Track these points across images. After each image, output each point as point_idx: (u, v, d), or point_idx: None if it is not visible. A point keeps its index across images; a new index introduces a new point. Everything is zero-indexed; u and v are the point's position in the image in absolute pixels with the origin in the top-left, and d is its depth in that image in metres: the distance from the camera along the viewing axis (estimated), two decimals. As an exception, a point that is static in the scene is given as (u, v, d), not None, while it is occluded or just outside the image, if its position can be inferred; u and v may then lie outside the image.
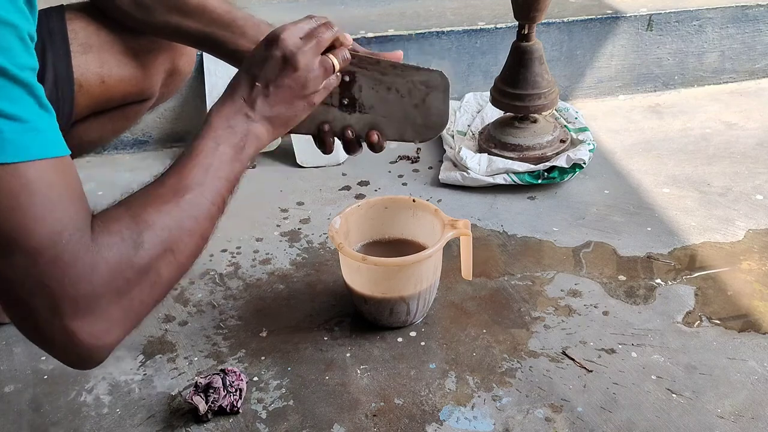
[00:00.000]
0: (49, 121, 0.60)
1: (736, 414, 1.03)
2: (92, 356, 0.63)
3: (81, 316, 0.60)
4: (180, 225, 0.70)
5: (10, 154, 0.56)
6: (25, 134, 0.57)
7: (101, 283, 0.61)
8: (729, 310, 1.22)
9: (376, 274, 1.15)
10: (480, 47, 1.87)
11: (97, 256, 0.61)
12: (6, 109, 0.56)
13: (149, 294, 0.67)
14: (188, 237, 0.71)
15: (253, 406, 1.06)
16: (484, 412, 1.04)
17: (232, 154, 0.79)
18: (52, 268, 0.58)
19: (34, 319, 0.60)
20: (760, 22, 2.02)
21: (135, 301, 0.65)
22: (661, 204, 1.52)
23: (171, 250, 0.69)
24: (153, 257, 0.66)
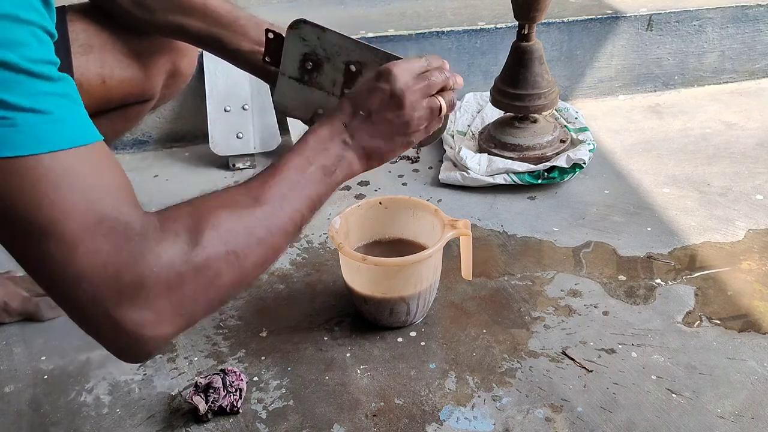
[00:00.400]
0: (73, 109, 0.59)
1: (736, 414, 1.03)
2: (141, 346, 0.62)
3: (127, 306, 0.59)
4: (250, 231, 0.69)
5: (30, 146, 0.56)
6: (45, 125, 0.56)
7: (148, 274, 0.60)
8: (729, 310, 1.22)
9: (376, 274, 1.15)
10: (480, 47, 1.87)
11: (143, 247, 0.60)
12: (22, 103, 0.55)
13: (204, 293, 0.65)
14: (257, 245, 0.69)
15: (253, 406, 1.06)
16: (484, 412, 1.04)
17: (321, 175, 0.79)
18: (91, 257, 0.57)
19: (80, 308, 0.60)
20: (760, 22, 2.02)
21: (187, 297, 0.63)
22: (661, 204, 1.52)
23: (234, 252, 0.66)
24: (212, 256, 0.65)
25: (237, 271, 0.67)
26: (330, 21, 2.04)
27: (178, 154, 1.76)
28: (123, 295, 0.59)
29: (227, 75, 1.68)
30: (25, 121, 0.55)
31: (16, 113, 0.55)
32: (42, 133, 0.56)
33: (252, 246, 0.69)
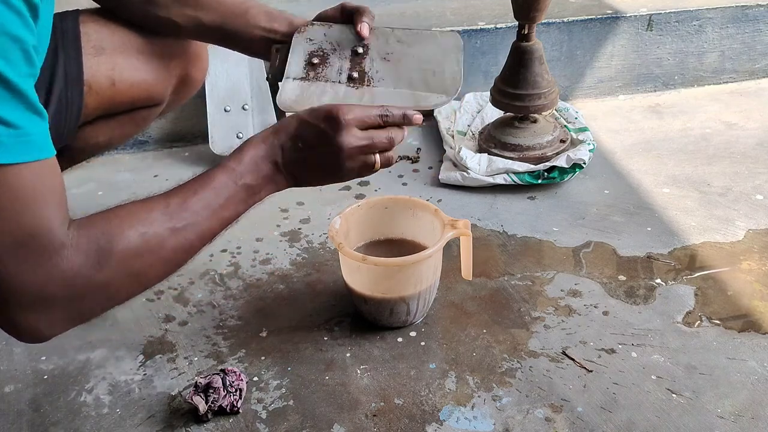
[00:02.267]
0: (39, 125, 0.63)
1: (736, 414, 1.03)
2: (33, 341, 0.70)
3: (28, 313, 0.65)
4: (156, 253, 0.72)
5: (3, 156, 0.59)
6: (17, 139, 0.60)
7: (56, 291, 0.65)
8: (729, 310, 1.22)
9: (376, 274, 1.15)
10: (480, 47, 1.87)
11: (58, 268, 0.65)
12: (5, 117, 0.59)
13: (101, 305, 0.71)
14: (160, 264, 0.73)
15: (253, 406, 1.06)
16: (484, 412, 1.04)
17: (244, 195, 0.80)
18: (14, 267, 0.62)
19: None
20: (760, 22, 2.02)
21: (85, 309, 0.69)
22: (661, 204, 1.52)
23: (136, 274, 0.71)
24: (114, 279, 0.69)
25: (136, 287, 0.72)
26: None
27: (178, 154, 1.76)
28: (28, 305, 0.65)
29: (227, 75, 1.68)
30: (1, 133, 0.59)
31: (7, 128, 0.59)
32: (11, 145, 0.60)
33: (156, 265, 0.72)
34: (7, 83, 0.59)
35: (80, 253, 0.66)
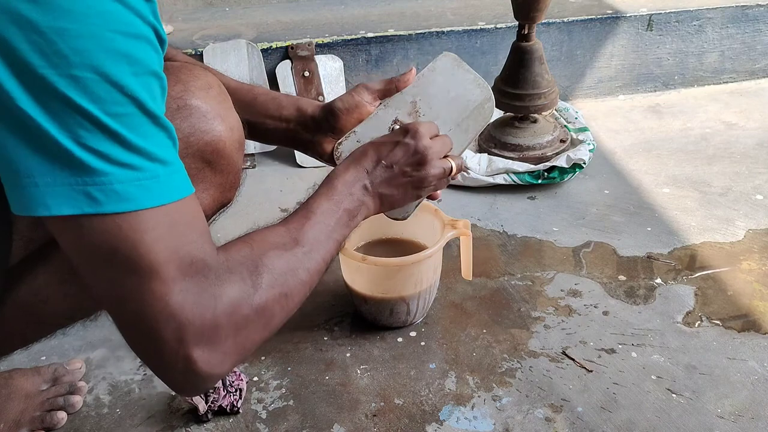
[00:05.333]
0: (180, 161, 0.63)
1: (736, 414, 1.03)
2: (204, 384, 0.66)
3: (203, 346, 0.62)
4: (296, 273, 0.73)
5: (166, 195, 0.60)
6: (173, 176, 0.61)
7: (223, 316, 0.63)
8: (729, 310, 1.22)
9: (376, 274, 1.15)
10: (480, 47, 1.87)
11: (220, 290, 0.63)
12: (160, 154, 0.59)
13: (260, 333, 0.69)
14: (300, 286, 0.73)
15: (253, 406, 1.06)
16: (484, 412, 1.04)
17: (346, 219, 0.83)
18: (183, 297, 0.61)
19: (160, 346, 0.62)
20: (760, 22, 2.03)
21: (249, 338, 0.67)
22: (661, 204, 1.52)
23: (285, 294, 0.71)
24: (270, 299, 0.68)
25: (285, 311, 0.72)
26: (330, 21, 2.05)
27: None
28: (202, 336, 0.62)
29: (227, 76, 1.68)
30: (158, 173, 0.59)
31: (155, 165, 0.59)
32: (169, 184, 0.60)
33: (298, 287, 0.73)
34: (156, 119, 0.59)
35: (236, 275, 0.66)
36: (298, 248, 0.74)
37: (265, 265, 0.69)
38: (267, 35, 1.82)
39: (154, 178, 0.58)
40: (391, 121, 0.96)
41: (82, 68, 0.54)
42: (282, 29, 1.86)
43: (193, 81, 0.78)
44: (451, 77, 0.97)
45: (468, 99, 0.97)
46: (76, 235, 0.58)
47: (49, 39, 0.53)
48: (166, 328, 0.61)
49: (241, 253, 0.69)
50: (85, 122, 0.55)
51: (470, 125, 0.97)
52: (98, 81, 0.55)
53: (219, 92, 0.80)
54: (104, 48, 0.55)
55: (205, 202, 0.80)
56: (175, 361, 0.63)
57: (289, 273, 0.72)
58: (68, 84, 0.54)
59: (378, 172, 0.87)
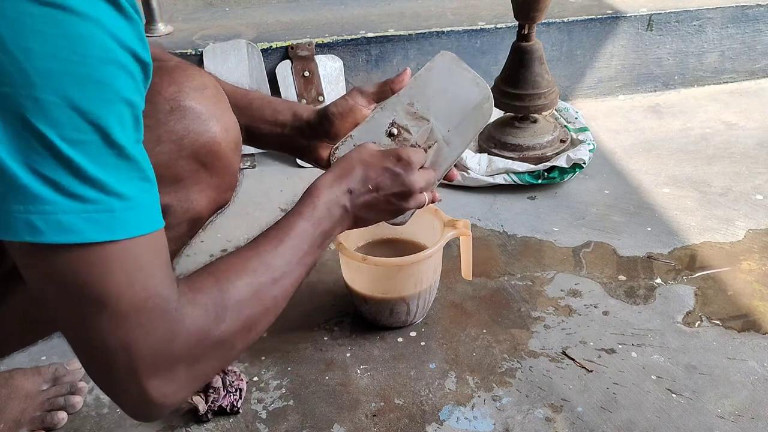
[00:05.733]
0: (150, 194, 0.61)
1: (736, 414, 1.03)
2: (157, 413, 0.66)
3: (155, 378, 0.62)
4: (264, 304, 0.72)
5: (118, 231, 0.57)
6: (129, 212, 0.58)
7: (180, 350, 0.63)
8: (729, 310, 1.22)
9: (376, 274, 1.15)
10: (480, 47, 1.87)
11: (180, 325, 0.63)
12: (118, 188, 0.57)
13: (219, 363, 0.69)
14: (266, 316, 0.73)
15: (253, 406, 1.06)
16: (484, 412, 1.04)
17: (321, 240, 0.81)
18: (135, 331, 0.60)
19: (112, 375, 0.62)
20: (760, 22, 2.03)
21: (206, 368, 0.67)
22: (661, 204, 1.52)
23: (249, 327, 0.70)
24: (231, 333, 0.68)
25: (247, 341, 0.71)
26: (330, 21, 2.05)
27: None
28: (155, 368, 0.62)
29: (227, 77, 1.68)
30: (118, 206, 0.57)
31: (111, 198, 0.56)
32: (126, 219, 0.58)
33: (262, 316, 0.72)
34: (120, 150, 0.57)
35: (199, 308, 0.65)
36: (268, 275, 0.72)
37: (232, 297, 0.68)
38: (267, 35, 1.82)
39: (107, 212, 0.56)
40: (388, 124, 0.94)
41: (45, 90, 0.52)
42: (282, 29, 1.86)
43: (188, 82, 0.77)
44: (449, 77, 0.96)
45: (466, 99, 0.96)
46: (27, 262, 0.57)
47: (15, 57, 0.51)
48: (117, 359, 0.60)
49: (205, 284, 0.67)
50: (39, 147, 0.53)
51: (469, 126, 0.96)
52: (60, 105, 0.53)
53: (214, 93, 0.79)
54: (71, 72, 0.53)
55: (201, 204, 0.79)
56: (128, 391, 0.62)
57: (257, 304, 0.70)
58: (27, 105, 0.52)
59: (361, 194, 0.85)
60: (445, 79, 0.96)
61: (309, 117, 0.98)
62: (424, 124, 0.95)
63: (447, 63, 0.96)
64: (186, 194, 0.78)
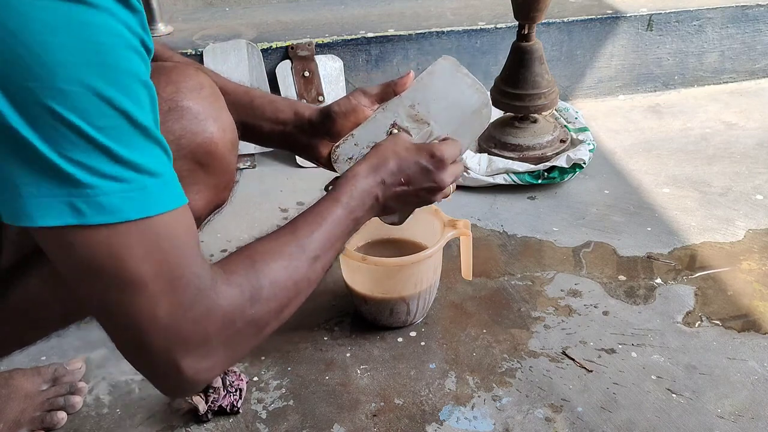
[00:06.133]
0: (173, 172, 0.62)
1: (736, 414, 1.03)
2: (190, 389, 0.67)
3: (191, 355, 0.63)
4: (297, 287, 0.73)
5: (154, 207, 0.59)
6: (161, 187, 0.60)
7: (215, 328, 0.64)
8: (729, 310, 1.22)
9: (376, 274, 1.15)
10: (480, 47, 1.87)
11: (215, 303, 0.64)
12: (149, 165, 0.59)
13: (252, 342, 0.70)
14: (298, 297, 0.74)
15: (253, 406, 1.06)
16: (484, 412, 1.04)
17: (352, 227, 0.83)
18: (173, 308, 0.61)
19: (147, 352, 0.62)
20: (760, 22, 2.03)
21: (240, 347, 0.68)
22: (661, 204, 1.52)
23: (281, 308, 0.71)
24: (265, 313, 0.69)
25: (279, 321, 0.72)
26: (330, 21, 2.05)
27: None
28: (190, 345, 0.63)
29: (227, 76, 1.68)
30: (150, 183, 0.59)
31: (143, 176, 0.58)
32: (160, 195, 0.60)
33: (296, 298, 0.73)
34: (144, 130, 0.58)
35: (234, 288, 0.66)
36: (303, 258, 0.74)
37: (267, 277, 0.69)
38: (267, 35, 1.82)
39: (141, 190, 0.58)
40: (390, 125, 0.96)
41: (68, 81, 0.53)
42: (282, 29, 1.86)
43: (185, 82, 0.77)
44: (450, 81, 0.97)
45: (466, 104, 0.97)
46: (62, 247, 0.58)
47: (34, 52, 0.52)
48: (154, 340, 0.61)
49: (241, 265, 0.68)
50: (71, 135, 0.54)
51: (467, 130, 0.98)
52: (85, 94, 0.54)
53: (211, 92, 0.79)
54: (89, 61, 0.54)
55: (198, 204, 0.79)
56: (163, 368, 0.63)
57: (291, 286, 0.71)
58: (54, 97, 0.53)
59: (393, 185, 0.87)
60: (446, 84, 0.97)
61: (311, 115, 0.98)
62: (425, 126, 0.96)
63: (448, 68, 0.98)
64: None
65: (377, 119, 0.96)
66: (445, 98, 0.97)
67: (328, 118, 0.97)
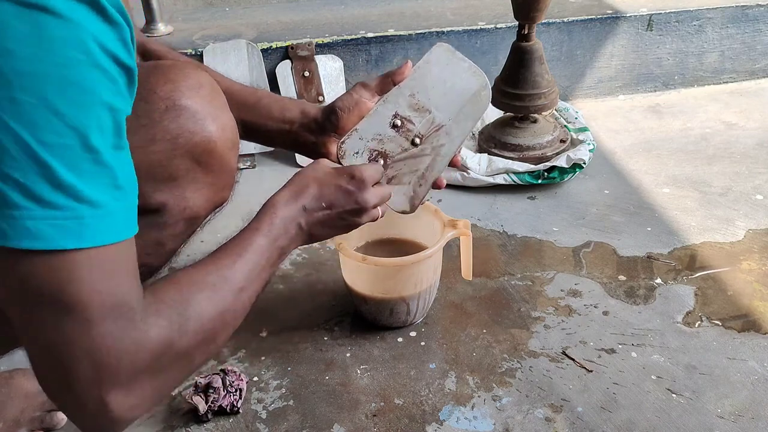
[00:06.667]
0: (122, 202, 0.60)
1: (736, 414, 1.03)
2: (115, 428, 0.63)
3: (118, 389, 0.60)
4: (223, 318, 0.71)
5: (87, 239, 0.57)
6: (99, 219, 0.57)
7: (143, 361, 0.61)
8: (729, 310, 1.22)
9: (376, 274, 1.15)
10: (480, 47, 1.87)
11: (145, 335, 0.61)
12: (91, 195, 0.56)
13: (178, 377, 0.68)
14: (225, 330, 0.72)
15: (253, 406, 1.06)
16: (484, 412, 1.04)
17: (276, 257, 0.81)
18: (101, 339, 0.58)
19: (71, 385, 0.60)
20: (760, 22, 2.03)
21: (167, 381, 0.66)
22: (661, 204, 1.52)
23: (208, 339, 0.69)
24: (193, 345, 0.67)
25: (206, 354, 0.70)
26: (330, 21, 2.05)
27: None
28: (118, 378, 0.60)
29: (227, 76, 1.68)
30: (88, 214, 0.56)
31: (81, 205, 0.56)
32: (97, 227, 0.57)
33: (222, 331, 0.71)
34: (97, 155, 0.56)
35: (163, 319, 0.64)
36: (227, 288, 0.72)
37: (194, 309, 0.67)
38: (267, 35, 1.82)
39: (76, 219, 0.55)
40: (391, 116, 0.96)
41: (22, 91, 0.51)
42: (282, 29, 1.86)
43: (184, 80, 0.76)
44: (446, 67, 0.98)
45: (464, 88, 0.97)
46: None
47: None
48: (80, 369, 0.58)
49: (168, 295, 0.66)
50: (13, 148, 0.52)
51: (468, 114, 0.98)
52: (37, 106, 0.52)
53: (210, 91, 0.78)
54: (50, 74, 0.52)
55: (198, 203, 0.79)
56: (87, 402, 0.60)
57: (217, 318, 0.69)
58: (4, 106, 0.51)
59: (315, 211, 0.85)
60: (443, 70, 0.97)
61: (316, 114, 0.99)
62: (426, 114, 0.97)
63: (443, 54, 0.98)
64: (182, 193, 0.78)
65: (379, 111, 0.96)
66: (443, 84, 0.97)
67: (333, 114, 0.97)
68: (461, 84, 0.97)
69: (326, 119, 0.98)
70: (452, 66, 0.97)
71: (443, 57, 0.98)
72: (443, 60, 0.98)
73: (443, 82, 0.97)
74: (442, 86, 0.97)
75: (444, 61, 0.98)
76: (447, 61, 0.98)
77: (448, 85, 0.97)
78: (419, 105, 0.96)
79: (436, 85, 0.97)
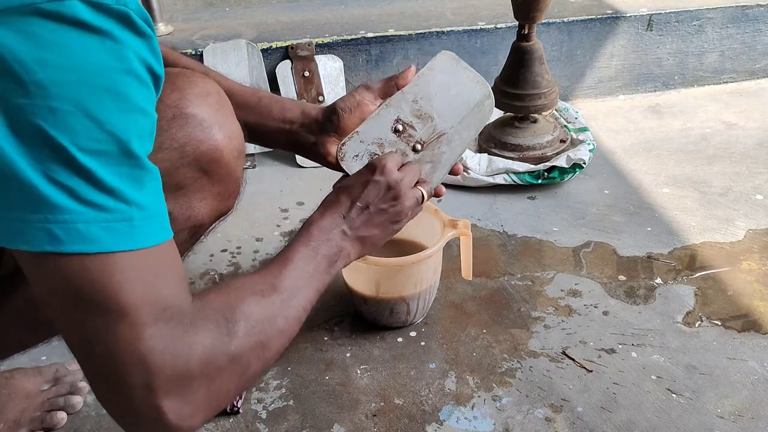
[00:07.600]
0: (163, 204, 0.61)
1: (736, 414, 1.03)
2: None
3: (173, 396, 0.59)
4: (273, 322, 0.70)
5: (138, 240, 0.57)
6: (147, 221, 0.58)
7: (197, 364, 0.61)
8: (729, 310, 1.22)
9: (376, 274, 1.15)
10: (480, 47, 1.87)
11: (195, 337, 0.61)
12: (136, 197, 0.57)
13: (235, 384, 0.66)
14: (278, 335, 0.71)
15: (253, 406, 1.06)
16: (484, 412, 1.04)
17: (325, 265, 0.81)
18: (153, 342, 0.58)
19: (126, 393, 0.59)
20: (760, 22, 2.03)
21: (222, 388, 0.64)
22: (661, 204, 1.52)
23: (262, 343, 0.68)
24: (245, 348, 0.66)
25: (262, 361, 0.69)
26: (330, 21, 2.05)
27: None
28: (173, 384, 0.59)
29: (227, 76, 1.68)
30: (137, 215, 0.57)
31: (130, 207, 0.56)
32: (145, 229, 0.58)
33: (275, 336, 0.71)
34: (138, 160, 0.57)
35: (212, 323, 0.63)
36: (276, 295, 0.72)
37: (242, 312, 0.67)
38: (267, 35, 1.82)
39: (126, 221, 0.56)
40: (393, 120, 0.96)
41: (61, 100, 0.52)
42: (282, 29, 1.86)
43: (191, 89, 0.76)
44: (451, 76, 0.98)
45: (468, 97, 0.98)
46: (40, 272, 0.56)
47: (29, 69, 0.51)
48: (133, 373, 0.57)
49: (217, 300, 0.66)
50: (55, 156, 0.52)
51: (471, 123, 0.98)
52: (76, 114, 0.53)
53: (218, 99, 0.78)
54: (86, 82, 0.53)
55: (203, 212, 0.79)
56: (143, 411, 0.59)
57: (267, 321, 0.69)
58: (44, 115, 0.52)
59: (354, 215, 0.85)
60: (447, 78, 0.98)
61: (317, 114, 0.99)
62: (429, 121, 0.97)
63: (448, 62, 0.98)
64: (187, 202, 0.77)
65: (381, 115, 0.96)
66: (447, 92, 0.97)
67: (334, 115, 0.97)
68: (465, 93, 0.97)
69: (327, 119, 0.97)
70: (457, 74, 0.98)
71: (448, 65, 0.98)
72: (448, 68, 0.98)
73: (447, 90, 0.97)
74: (445, 94, 0.97)
75: (448, 69, 0.98)
76: (451, 70, 0.98)
77: (452, 94, 0.97)
78: (422, 111, 0.96)
79: (439, 93, 0.97)
